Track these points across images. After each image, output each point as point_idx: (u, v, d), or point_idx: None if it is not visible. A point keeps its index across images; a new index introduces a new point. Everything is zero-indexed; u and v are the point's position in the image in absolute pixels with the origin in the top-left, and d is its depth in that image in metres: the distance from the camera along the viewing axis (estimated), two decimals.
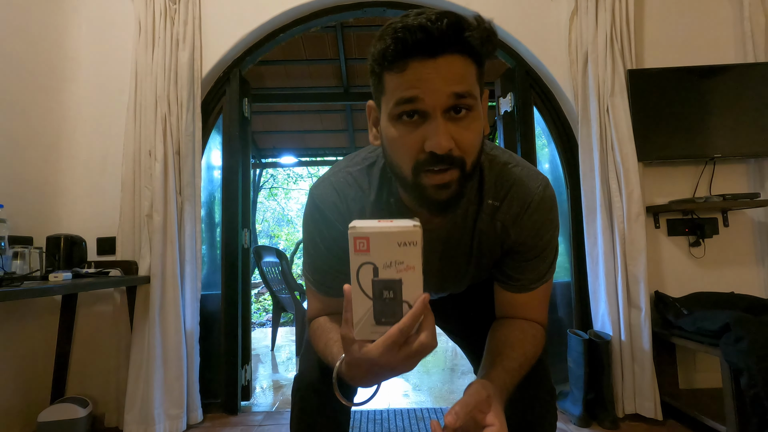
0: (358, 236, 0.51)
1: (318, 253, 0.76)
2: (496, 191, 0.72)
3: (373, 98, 0.66)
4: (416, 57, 0.55)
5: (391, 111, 0.59)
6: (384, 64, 0.58)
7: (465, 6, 2.14)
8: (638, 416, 1.84)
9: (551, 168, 2.39)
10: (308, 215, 0.76)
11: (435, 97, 0.56)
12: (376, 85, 0.62)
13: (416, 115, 0.58)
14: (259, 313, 5.74)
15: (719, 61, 2.08)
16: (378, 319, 0.52)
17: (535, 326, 0.76)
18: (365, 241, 0.50)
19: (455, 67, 0.56)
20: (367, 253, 0.51)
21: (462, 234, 0.75)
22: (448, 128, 0.57)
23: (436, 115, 0.57)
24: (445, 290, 0.88)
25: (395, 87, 0.58)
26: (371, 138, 0.69)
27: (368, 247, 0.50)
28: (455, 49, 0.56)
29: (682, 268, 2.05)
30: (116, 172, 1.99)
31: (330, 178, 0.76)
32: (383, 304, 0.52)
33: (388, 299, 0.51)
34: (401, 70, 0.56)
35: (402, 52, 0.55)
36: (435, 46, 0.55)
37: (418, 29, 0.54)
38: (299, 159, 6.43)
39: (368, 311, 0.52)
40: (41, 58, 1.95)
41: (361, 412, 2.04)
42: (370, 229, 0.50)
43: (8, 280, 1.32)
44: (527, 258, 0.74)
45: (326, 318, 0.79)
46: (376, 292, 0.51)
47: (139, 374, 1.80)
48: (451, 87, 0.56)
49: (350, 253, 0.51)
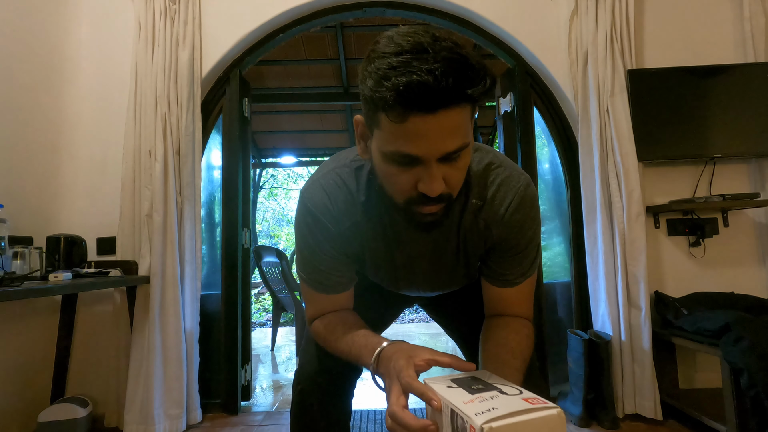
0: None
1: (312, 254, 0.78)
2: (480, 190, 0.74)
3: (363, 117, 0.64)
4: (416, 112, 0.53)
5: (386, 153, 0.59)
6: (382, 108, 0.55)
7: (465, 6, 2.14)
8: (638, 416, 1.84)
9: (551, 168, 2.39)
10: (300, 218, 0.77)
11: (431, 153, 0.56)
12: (370, 116, 0.60)
13: (411, 161, 0.58)
14: (259, 313, 5.74)
15: (719, 61, 2.08)
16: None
17: (526, 324, 0.79)
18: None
19: (453, 121, 0.55)
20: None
21: (449, 233, 0.77)
22: (441, 170, 0.58)
23: (431, 164, 0.57)
24: (439, 289, 0.90)
25: (392, 133, 0.57)
26: (360, 151, 0.68)
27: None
28: (456, 103, 0.54)
29: (682, 268, 2.05)
30: (116, 172, 1.99)
31: (320, 180, 0.77)
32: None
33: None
34: (400, 120, 0.54)
35: (402, 106, 0.53)
36: (437, 103, 0.53)
37: (422, 87, 0.51)
38: (299, 159, 6.43)
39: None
40: (41, 58, 1.95)
41: (361, 412, 2.04)
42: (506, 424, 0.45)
43: (8, 280, 1.32)
44: (511, 254, 0.76)
45: (344, 312, 0.82)
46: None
47: (139, 374, 1.80)
48: (447, 145, 0.56)
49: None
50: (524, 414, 0.45)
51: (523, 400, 0.49)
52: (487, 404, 0.48)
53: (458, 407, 0.48)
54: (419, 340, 3.83)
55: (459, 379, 0.58)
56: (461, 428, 0.47)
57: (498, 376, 0.59)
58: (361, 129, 0.66)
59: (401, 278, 0.85)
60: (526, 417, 0.45)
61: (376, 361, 0.65)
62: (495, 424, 0.44)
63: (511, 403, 0.48)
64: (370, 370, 0.67)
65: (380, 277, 0.86)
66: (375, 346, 0.67)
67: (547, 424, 0.46)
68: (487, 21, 2.15)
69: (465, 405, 0.48)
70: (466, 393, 0.52)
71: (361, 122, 0.65)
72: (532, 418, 0.45)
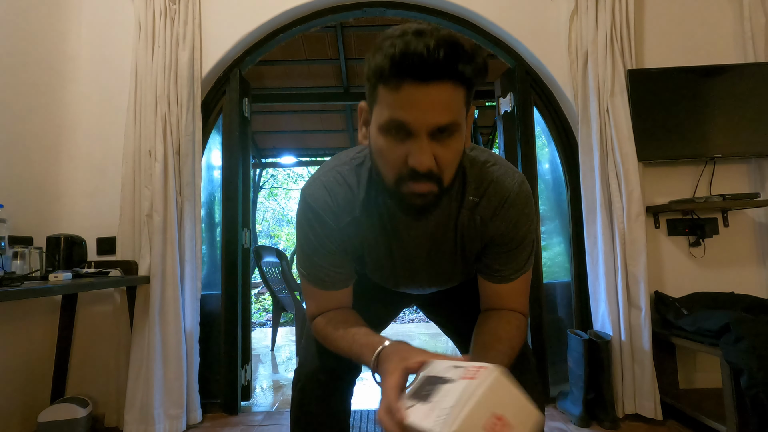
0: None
1: (312, 250, 0.79)
2: (476, 188, 0.76)
3: (366, 100, 0.69)
4: (410, 80, 0.58)
5: (381, 124, 0.63)
6: (380, 78, 0.61)
7: (466, 6, 2.14)
8: (638, 416, 1.84)
9: (551, 168, 2.39)
10: (301, 214, 0.79)
11: (421, 122, 0.60)
12: (371, 93, 0.65)
13: (403, 132, 0.62)
14: (259, 313, 5.74)
15: (719, 61, 2.08)
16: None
17: (519, 317, 0.81)
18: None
19: (444, 95, 0.59)
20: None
21: (446, 230, 0.79)
22: (432, 147, 0.61)
23: (421, 136, 0.61)
24: (437, 285, 0.91)
25: (387, 103, 0.61)
26: (360, 137, 0.72)
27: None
28: (447, 77, 0.59)
29: (682, 268, 2.05)
30: (116, 172, 1.99)
31: (320, 177, 0.79)
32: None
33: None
34: (395, 90, 0.59)
35: (397, 73, 0.58)
36: (429, 73, 0.58)
37: (416, 55, 0.56)
38: (299, 159, 6.43)
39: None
40: (41, 58, 1.95)
41: (361, 412, 2.04)
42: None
43: (8, 280, 1.32)
44: (506, 250, 0.78)
45: (343, 310, 0.82)
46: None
47: (139, 374, 1.80)
48: (438, 117, 0.60)
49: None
50: (471, 397, 0.45)
51: (464, 380, 0.49)
52: (441, 407, 0.47)
53: (422, 427, 0.48)
54: (419, 340, 3.83)
55: (416, 389, 0.56)
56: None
57: (444, 360, 0.58)
58: (364, 115, 0.71)
59: (400, 275, 0.86)
60: (475, 399, 0.45)
61: (376, 361, 0.66)
62: (455, 427, 0.43)
63: (457, 391, 0.48)
64: (370, 369, 0.68)
65: (379, 274, 0.87)
66: (376, 346, 0.68)
67: (498, 390, 0.46)
68: (487, 21, 2.15)
69: (425, 421, 0.48)
70: (422, 405, 0.51)
71: (364, 108, 0.71)
72: (481, 395, 0.45)
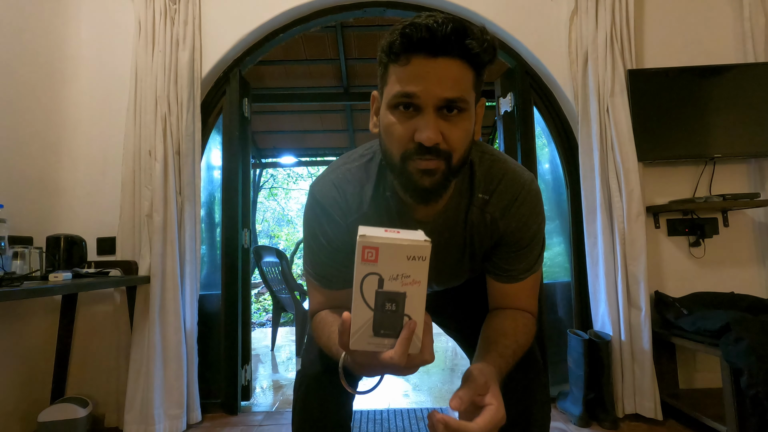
0: (368, 245, 0.49)
1: (319, 247, 0.78)
2: (486, 185, 0.76)
3: (378, 88, 0.70)
4: (418, 54, 0.60)
5: (390, 100, 0.64)
6: (390, 55, 0.63)
7: (466, 6, 2.14)
8: (638, 416, 1.84)
9: (551, 168, 2.39)
10: (309, 211, 0.79)
11: (429, 96, 0.61)
12: (382, 74, 0.67)
13: (411, 108, 0.63)
14: (259, 313, 5.74)
15: (719, 61, 2.08)
16: (377, 330, 0.52)
17: (526, 315, 0.80)
18: (374, 251, 0.49)
19: (452, 71, 0.61)
20: (374, 263, 0.49)
21: (455, 226, 0.78)
22: (438, 124, 0.62)
23: (428, 111, 0.62)
24: (443, 283, 0.90)
25: (396, 78, 0.63)
26: (371, 126, 0.73)
27: (376, 258, 0.49)
28: (455, 53, 0.60)
29: (682, 268, 2.05)
30: (116, 172, 1.99)
31: (329, 175, 0.79)
32: (384, 316, 0.51)
33: (389, 312, 0.51)
34: (404, 64, 0.62)
35: (406, 46, 0.60)
36: (437, 46, 0.59)
37: (424, 28, 0.59)
38: (299, 159, 6.43)
39: (368, 322, 0.51)
40: (41, 58, 1.95)
41: (361, 412, 2.04)
42: (380, 240, 0.49)
43: (8, 280, 1.32)
44: (516, 249, 0.78)
45: (327, 311, 0.81)
46: (379, 304, 0.50)
47: (139, 374, 1.80)
48: (445, 91, 0.61)
49: (356, 261, 0.49)
50: (403, 238, 0.49)
51: (413, 233, 0.52)
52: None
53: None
54: None
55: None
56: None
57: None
58: (375, 104, 0.72)
59: None
60: (395, 235, 0.49)
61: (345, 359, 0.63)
62: (369, 232, 0.49)
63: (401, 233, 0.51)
64: (339, 361, 0.65)
65: None
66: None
67: (414, 246, 0.49)
68: (488, 21, 2.15)
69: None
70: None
71: (375, 97, 0.72)
72: (401, 237, 0.49)
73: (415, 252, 0.49)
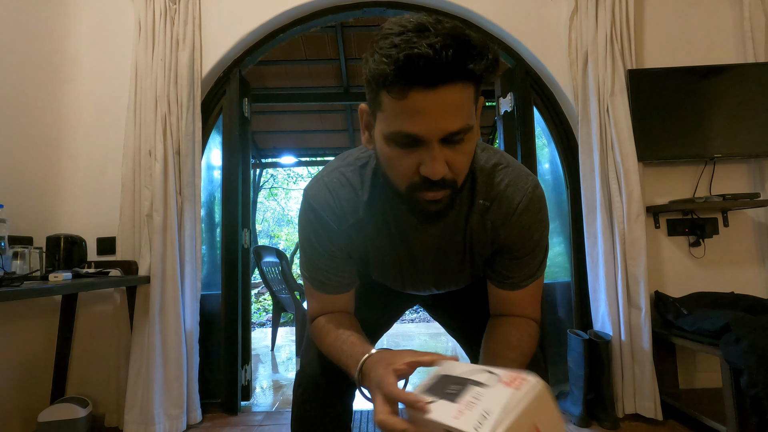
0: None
1: (314, 252, 0.77)
2: (487, 191, 0.73)
3: (366, 103, 0.64)
4: (416, 87, 0.53)
5: (387, 134, 0.59)
6: (382, 85, 0.56)
7: (465, 6, 2.14)
8: (638, 416, 1.84)
9: (551, 168, 2.39)
10: (303, 215, 0.77)
11: (432, 131, 0.56)
12: (373, 98, 0.60)
13: (413, 141, 0.58)
14: (259, 313, 5.74)
15: (719, 61, 2.08)
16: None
17: (530, 323, 0.78)
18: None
19: (455, 98, 0.55)
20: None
21: (455, 233, 0.76)
22: (444, 153, 0.57)
23: (433, 144, 0.57)
24: (443, 287, 0.89)
25: (393, 112, 0.57)
26: (364, 141, 0.69)
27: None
28: (457, 79, 0.54)
29: (682, 268, 2.05)
30: (116, 172, 1.99)
31: (323, 178, 0.77)
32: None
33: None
34: (400, 97, 0.55)
35: (402, 80, 0.53)
36: (437, 77, 0.53)
37: (423, 60, 0.51)
38: (299, 159, 6.43)
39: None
40: (41, 58, 1.95)
41: (361, 412, 2.04)
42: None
43: (8, 280, 1.32)
44: (518, 256, 0.75)
45: (326, 320, 0.80)
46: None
47: (139, 374, 1.80)
48: (449, 124, 0.56)
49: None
50: (517, 405, 0.45)
51: (504, 386, 0.48)
52: (476, 410, 0.46)
53: (452, 425, 0.46)
54: (419, 340, 3.83)
55: (431, 386, 0.55)
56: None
57: (463, 363, 0.57)
58: (366, 118, 0.66)
59: (406, 278, 0.85)
60: (521, 408, 0.45)
61: (359, 375, 0.64)
62: (500, 431, 0.43)
63: (497, 396, 0.47)
64: (356, 381, 0.66)
65: (384, 276, 0.86)
66: (359, 358, 0.65)
67: (540, 403, 0.46)
68: (488, 21, 2.15)
69: (457, 420, 0.46)
70: (448, 403, 0.50)
71: (365, 111, 0.66)
72: (526, 405, 0.45)
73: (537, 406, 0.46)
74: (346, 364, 0.69)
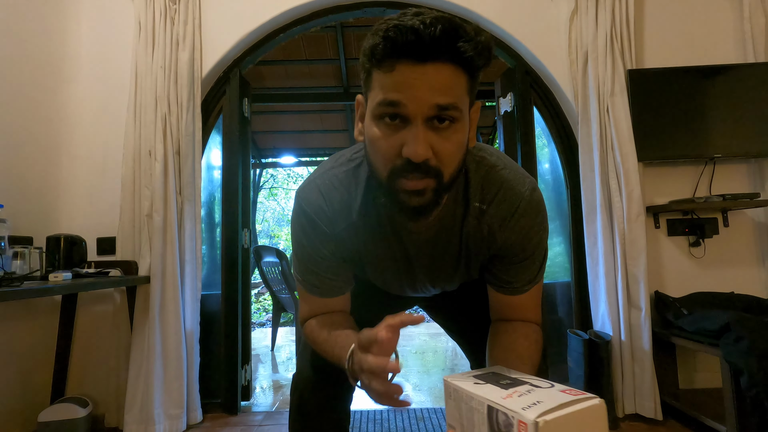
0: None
1: (305, 255, 0.76)
2: (483, 194, 0.71)
3: (362, 93, 0.64)
4: (404, 60, 0.54)
5: (374, 110, 0.58)
6: (373, 60, 0.57)
7: (465, 6, 2.14)
8: (638, 416, 1.84)
9: (551, 168, 2.39)
10: (295, 218, 0.76)
11: (418, 105, 0.55)
12: (365, 80, 0.61)
13: (398, 119, 0.57)
14: (259, 313, 5.74)
15: (719, 61, 2.08)
16: None
17: (535, 329, 0.77)
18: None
19: (443, 77, 0.55)
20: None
21: (450, 236, 0.74)
22: (428, 137, 0.56)
23: (417, 123, 0.56)
24: (437, 287, 0.89)
25: (381, 86, 0.57)
26: (356, 133, 0.67)
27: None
28: (446, 58, 0.54)
29: (682, 268, 2.05)
30: (116, 172, 1.99)
31: (316, 180, 0.75)
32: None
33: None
34: (388, 70, 0.55)
35: (391, 52, 0.54)
36: (425, 51, 0.53)
37: (410, 31, 0.52)
38: (299, 159, 6.43)
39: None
40: (41, 58, 1.95)
41: (361, 412, 2.04)
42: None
43: (8, 280, 1.32)
44: (517, 261, 0.73)
45: (319, 319, 0.79)
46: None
47: (139, 374, 1.80)
48: (436, 98, 0.55)
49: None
50: (570, 406, 0.45)
51: (561, 392, 0.48)
52: (528, 398, 0.46)
53: (498, 403, 0.46)
54: (419, 340, 3.83)
55: (482, 375, 0.56)
56: (504, 424, 0.45)
57: (516, 371, 0.58)
58: (360, 109, 0.66)
59: (402, 280, 0.84)
60: (574, 408, 0.44)
61: (350, 361, 0.62)
62: (549, 417, 0.42)
63: (552, 396, 0.47)
64: (347, 371, 0.64)
65: (380, 279, 0.85)
66: (350, 344, 0.64)
67: (592, 414, 0.46)
68: (488, 21, 2.15)
69: (505, 400, 0.47)
70: (498, 388, 0.50)
71: (360, 102, 0.65)
72: (579, 409, 0.45)
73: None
74: (339, 356, 0.67)
